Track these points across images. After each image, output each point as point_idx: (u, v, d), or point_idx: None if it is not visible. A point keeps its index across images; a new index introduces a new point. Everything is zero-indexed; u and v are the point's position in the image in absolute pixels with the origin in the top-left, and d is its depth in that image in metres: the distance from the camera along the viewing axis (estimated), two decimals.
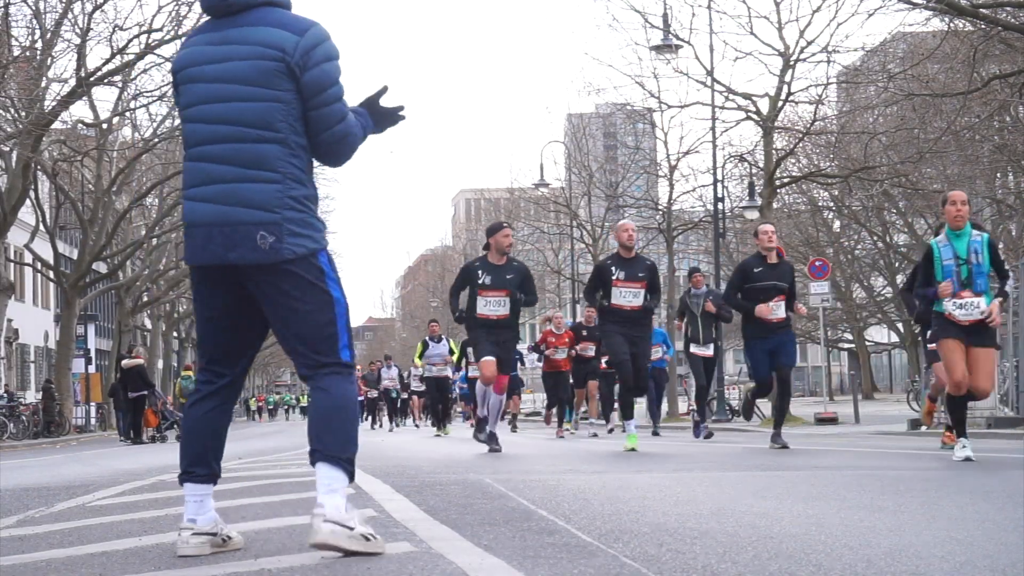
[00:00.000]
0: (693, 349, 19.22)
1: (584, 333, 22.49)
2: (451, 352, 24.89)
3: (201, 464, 4.82)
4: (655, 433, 21.68)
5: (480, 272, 13.51)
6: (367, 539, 4.53)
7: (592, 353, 22.40)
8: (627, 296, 13.48)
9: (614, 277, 13.53)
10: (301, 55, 4.63)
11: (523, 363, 31.70)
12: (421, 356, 25.25)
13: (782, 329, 13.78)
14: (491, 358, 13.41)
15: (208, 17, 4.84)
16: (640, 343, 13.67)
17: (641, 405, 25.52)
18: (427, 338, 25.33)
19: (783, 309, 13.79)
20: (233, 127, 4.64)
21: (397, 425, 38.29)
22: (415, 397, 38.24)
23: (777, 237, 14.37)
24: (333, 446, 4.59)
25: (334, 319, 4.69)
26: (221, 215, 4.63)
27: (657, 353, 22.14)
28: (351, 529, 4.49)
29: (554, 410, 23.62)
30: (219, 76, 4.68)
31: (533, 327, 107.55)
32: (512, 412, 30.51)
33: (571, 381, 23.56)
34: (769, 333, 13.66)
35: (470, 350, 23.18)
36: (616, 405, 18.78)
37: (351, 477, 4.64)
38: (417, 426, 37.66)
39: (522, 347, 30.55)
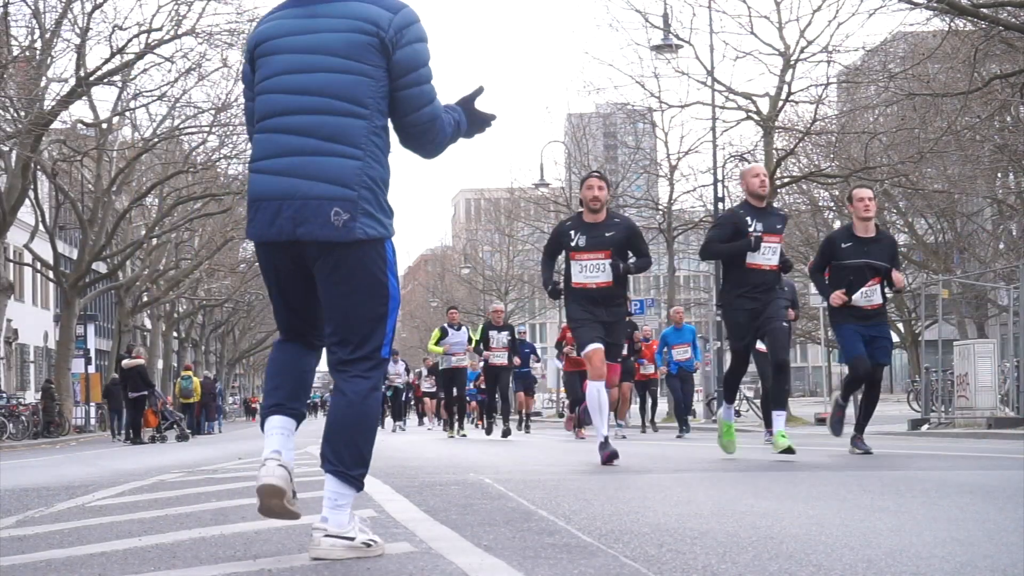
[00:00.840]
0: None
1: None
2: (470, 341, 23.06)
3: (292, 400, 4.58)
4: (680, 436, 21.39)
5: (572, 232, 11.00)
6: (368, 546, 4.49)
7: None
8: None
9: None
10: (395, 32, 4.50)
11: (536, 357, 30.79)
12: (438, 343, 23.29)
13: (878, 316, 11.70)
14: (597, 345, 10.55)
15: None
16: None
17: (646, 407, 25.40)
18: (446, 325, 23.46)
19: (878, 294, 11.62)
20: (317, 98, 4.45)
21: (403, 427, 35.99)
22: (427, 399, 37.41)
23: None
24: (347, 462, 4.45)
25: (385, 314, 4.51)
26: (292, 188, 4.41)
27: (686, 353, 22.02)
28: (351, 540, 4.44)
29: (576, 412, 22.20)
30: (306, 47, 4.51)
31: (535, 327, 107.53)
32: (526, 412, 30.37)
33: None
34: (864, 320, 11.60)
35: (493, 333, 22.14)
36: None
37: (359, 490, 4.54)
38: (429, 428, 36.45)
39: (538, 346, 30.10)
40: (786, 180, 38.16)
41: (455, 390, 23.74)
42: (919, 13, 26.63)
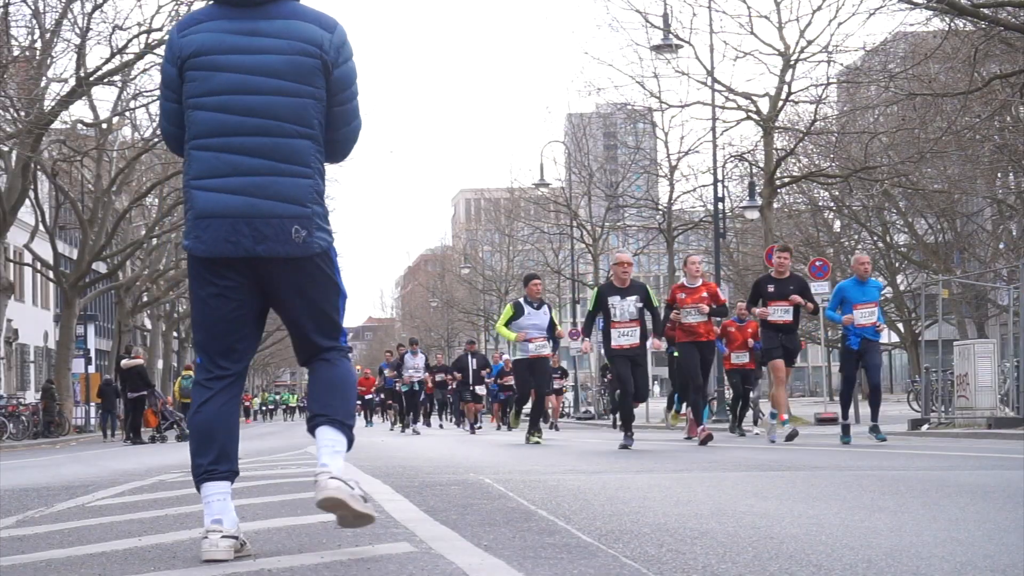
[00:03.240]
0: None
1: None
2: (553, 326, 17.79)
3: (224, 460, 4.69)
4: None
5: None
6: (364, 500, 4.63)
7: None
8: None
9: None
10: (335, 52, 4.68)
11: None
12: (508, 324, 17.63)
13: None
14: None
15: (216, 4, 4.72)
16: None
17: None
18: (522, 300, 17.81)
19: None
20: (267, 120, 4.61)
21: (414, 429, 29.09)
22: (470, 403, 31.45)
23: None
24: (339, 412, 4.71)
25: (340, 309, 4.84)
26: (250, 207, 4.60)
27: (871, 315, 15.28)
28: (352, 488, 4.58)
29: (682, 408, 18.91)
30: (251, 67, 4.61)
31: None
32: (552, 414, 30.15)
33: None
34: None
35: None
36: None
37: (350, 445, 4.73)
38: (472, 429, 29.67)
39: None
40: (786, 180, 38.18)
41: (537, 386, 17.88)
42: (919, 13, 26.66)
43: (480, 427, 30.85)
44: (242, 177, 4.61)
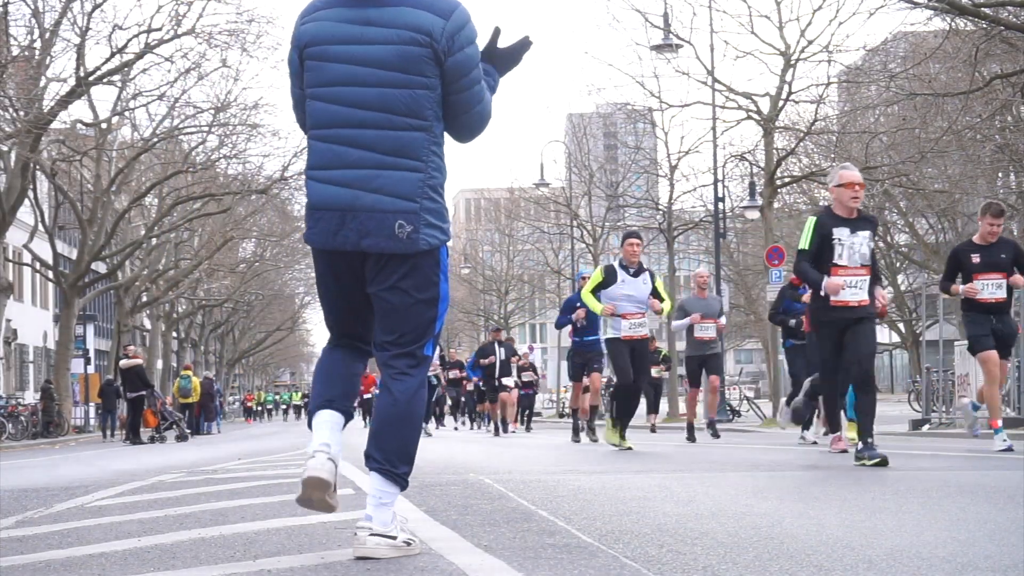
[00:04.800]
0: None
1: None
2: (659, 296, 14.01)
3: (341, 399, 4.62)
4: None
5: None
6: (408, 544, 4.55)
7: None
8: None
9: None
10: (447, 40, 4.49)
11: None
12: (595, 291, 14.07)
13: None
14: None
15: None
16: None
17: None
18: (616, 263, 14.13)
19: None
20: (376, 113, 4.49)
21: (425, 431, 23.25)
22: (506, 392, 26.12)
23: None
24: (393, 460, 4.55)
25: (436, 316, 4.64)
26: (355, 200, 4.49)
27: None
28: (394, 539, 4.50)
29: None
30: (359, 58, 4.50)
31: (534, 327, 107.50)
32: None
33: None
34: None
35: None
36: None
37: (404, 488, 4.63)
38: (503, 428, 25.57)
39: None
40: (786, 180, 38.15)
41: (638, 374, 14.13)
42: (920, 13, 26.62)
43: (514, 431, 26.75)
44: (348, 170, 4.51)
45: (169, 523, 6.07)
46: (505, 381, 25.87)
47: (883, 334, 73.44)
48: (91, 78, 36.26)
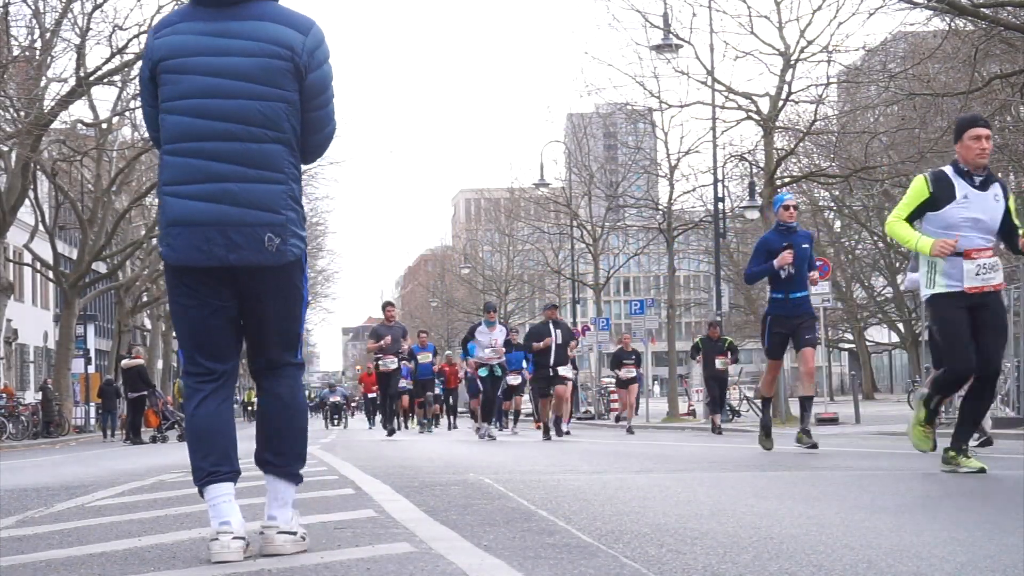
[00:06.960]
0: None
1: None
2: (1013, 225, 9.86)
3: (225, 461, 4.64)
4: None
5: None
6: (303, 539, 4.73)
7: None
8: None
9: None
10: (308, 55, 4.55)
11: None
12: (911, 218, 9.18)
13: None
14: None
15: (191, 4, 4.63)
16: None
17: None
18: (951, 168, 9.44)
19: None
20: (237, 125, 4.50)
21: (489, 434, 20.70)
22: (562, 386, 21.09)
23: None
24: (288, 461, 4.72)
25: (301, 319, 4.77)
26: (223, 215, 4.49)
27: None
28: (295, 534, 4.69)
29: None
30: (219, 70, 4.50)
31: None
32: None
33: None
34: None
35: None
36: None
37: (300, 483, 4.80)
38: (555, 431, 21.83)
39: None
40: (786, 180, 38.14)
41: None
42: (919, 13, 26.64)
43: (567, 432, 22.50)
44: (212, 184, 4.50)
45: (169, 523, 6.07)
46: (562, 371, 21.06)
47: (883, 334, 73.50)
48: (91, 78, 36.25)
